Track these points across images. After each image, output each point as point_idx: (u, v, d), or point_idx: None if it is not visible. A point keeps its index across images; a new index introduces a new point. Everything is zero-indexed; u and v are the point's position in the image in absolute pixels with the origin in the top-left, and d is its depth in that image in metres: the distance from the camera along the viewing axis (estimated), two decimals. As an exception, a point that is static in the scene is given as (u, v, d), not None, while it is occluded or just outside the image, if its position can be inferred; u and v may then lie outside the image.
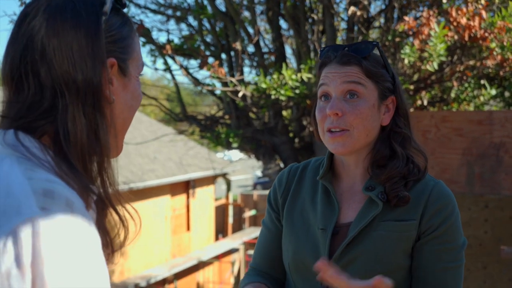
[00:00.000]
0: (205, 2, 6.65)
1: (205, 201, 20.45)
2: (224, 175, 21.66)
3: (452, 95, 6.15)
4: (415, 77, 5.81)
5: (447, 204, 1.77)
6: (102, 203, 1.16)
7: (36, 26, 1.14)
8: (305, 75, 5.35)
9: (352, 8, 5.75)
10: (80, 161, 1.13)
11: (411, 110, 6.05)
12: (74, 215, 1.03)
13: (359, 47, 1.80)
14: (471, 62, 5.70)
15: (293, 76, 5.32)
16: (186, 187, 19.66)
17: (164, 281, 17.64)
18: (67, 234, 1.01)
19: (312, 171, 1.96)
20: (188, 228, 19.98)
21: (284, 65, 5.55)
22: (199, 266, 18.49)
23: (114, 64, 1.18)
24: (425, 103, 6.04)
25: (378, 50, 1.82)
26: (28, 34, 1.15)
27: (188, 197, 19.85)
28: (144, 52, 7.38)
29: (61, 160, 1.11)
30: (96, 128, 1.14)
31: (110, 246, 1.18)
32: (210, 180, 20.76)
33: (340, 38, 6.51)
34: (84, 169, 1.14)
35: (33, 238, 0.98)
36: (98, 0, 1.19)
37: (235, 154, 31.52)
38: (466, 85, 6.08)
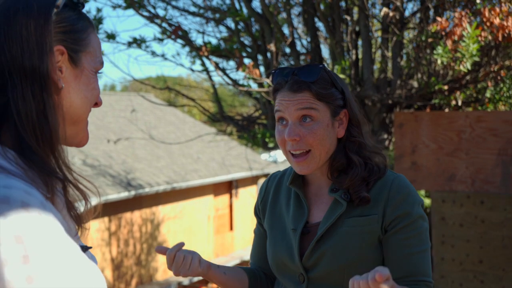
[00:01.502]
0: (242, 4, 6.74)
1: (248, 201, 20.57)
2: (266, 176, 21.73)
3: (487, 95, 6.12)
4: (449, 77, 5.80)
5: (407, 195, 1.94)
6: (62, 183, 1.26)
7: None
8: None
9: (384, 9, 5.78)
10: (35, 141, 1.23)
11: (446, 110, 6.04)
12: (29, 216, 1.12)
13: (307, 72, 1.92)
14: (507, 62, 5.68)
15: (325, 77, 5.36)
16: (229, 187, 19.80)
17: (207, 280, 17.81)
18: (23, 238, 1.10)
19: (288, 178, 2.13)
20: (231, 228, 20.13)
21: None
22: (242, 265, 18.60)
23: (64, 52, 1.28)
24: (460, 103, 6.03)
25: (325, 70, 1.94)
26: None
27: (231, 197, 19.99)
28: (183, 53, 7.50)
29: (22, 158, 1.21)
30: (43, 107, 1.23)
31: (78, 220, 1.29)
32: (253, 180, 20.87)
33: (374, 39, 6.54)
34: (38, 146, 1.23)
35: None
36: None
37: (281, 155, 31.52)
38: (502, 85, 6.04)
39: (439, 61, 5.14)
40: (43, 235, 1.13)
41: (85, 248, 1.31)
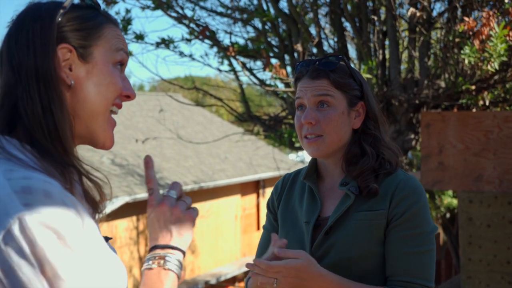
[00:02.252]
0: (269, 4, 6.77)
1: (275, 201, 20.55)
2: (294, 176, 21.68)
3: (516, 95, 6.09)
4: (476, 77, 5.77)
5: (411, 194, 1.96)
6: (78, 173, 1.33)
7: (12, 22, 1.36)
8: (364, 75, 5.41)
9: (411, 9, 5.77)
10: (43, 136, 1.29)
11: (473, 110, 6.01)
12: (53, 203, 1.18)
13: (327, 62, 2.03)
14: (535, 62, 5.63)
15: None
16: (256, 187, 19.85)
17: (234, 279, 17.87)
18: (51, 222, 1.16)
19: (302, 176, 2.20)
20: (258, 228, 20.16)
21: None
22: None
23: (72, 50, 1.34)
24: (487, 103, 6.00)
25: (344, 62, 2.05)
26: (7, 29, 1.35)
27: (258, 197, 20.02)
28: (211, 54, 7.55)
29: (37, 153, 1.28)
30: (48, 104, 1.29)
31: (95, 209, 1.35)
32: (280, 180, 20.85)
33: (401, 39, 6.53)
34: (46, 141, 1.29)
35: (25, 232, 1.14)
36: None
37: (308, 155, 31.44)
38: (530, 85, 6.01)
39: (466, 61, 5.13)
40: (69, 219, 1.20)
41: (105, 239, 1.36)
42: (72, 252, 1.17)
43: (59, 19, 1.34)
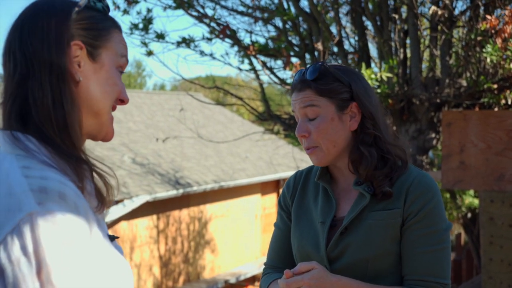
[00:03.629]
0: (290, 3, 6.78)
1: (295, 200, 20.51)
2: (314, 175, 21.64)
3: (539, 94, 6.03)
4: (499, 76, 5.74)
5: (426, 192, 1.96)
6: (89, 170, 1.35)
7: (23, 14, 1.39)
8: (385, 75, 5.40)
9: (433, 8, 5.75)
10: (50, 128, 1.32)
11: (495, 109, 5.97)
12: (66, 205, 1.22)
13: (309, 71, 2.04)
14: (559, 61, 5.58)
15: (372, 76, 5.38)
16: (276, 186, 19.83)
17: (254, 278, 17.87)
18: (61, 224, 1.20)
19: (315, 175, 2.20)
20: (278, 227, 20.12)
21: (363, 65, 5.61)
22: (289, 264, 18.60)
23: (82, 47, 1.38)
24: (510, 102, 5.95)
25: (325, 67, 2.03)
26: (17, 20, 1.38)
27: (278, 196, 19.98)
28: (232, 53, 7.57)
29: (50, 148, 1.30)
30: (60, 97, 1.32)
31: (103, 202, 1.37)
32: (300, 179, 20.79)
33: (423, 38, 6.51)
34: (54, 133, 1.32)
35: (33, 229, 1.17)
36: None
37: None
38: (553, 84, 5.95)
39: (488, 60, 5.10)
40: (77, 225, 1.23)
41: (112, 238, 1.39)
42: (72, 259, 1.19)
43: (74, 16, 1.38)
